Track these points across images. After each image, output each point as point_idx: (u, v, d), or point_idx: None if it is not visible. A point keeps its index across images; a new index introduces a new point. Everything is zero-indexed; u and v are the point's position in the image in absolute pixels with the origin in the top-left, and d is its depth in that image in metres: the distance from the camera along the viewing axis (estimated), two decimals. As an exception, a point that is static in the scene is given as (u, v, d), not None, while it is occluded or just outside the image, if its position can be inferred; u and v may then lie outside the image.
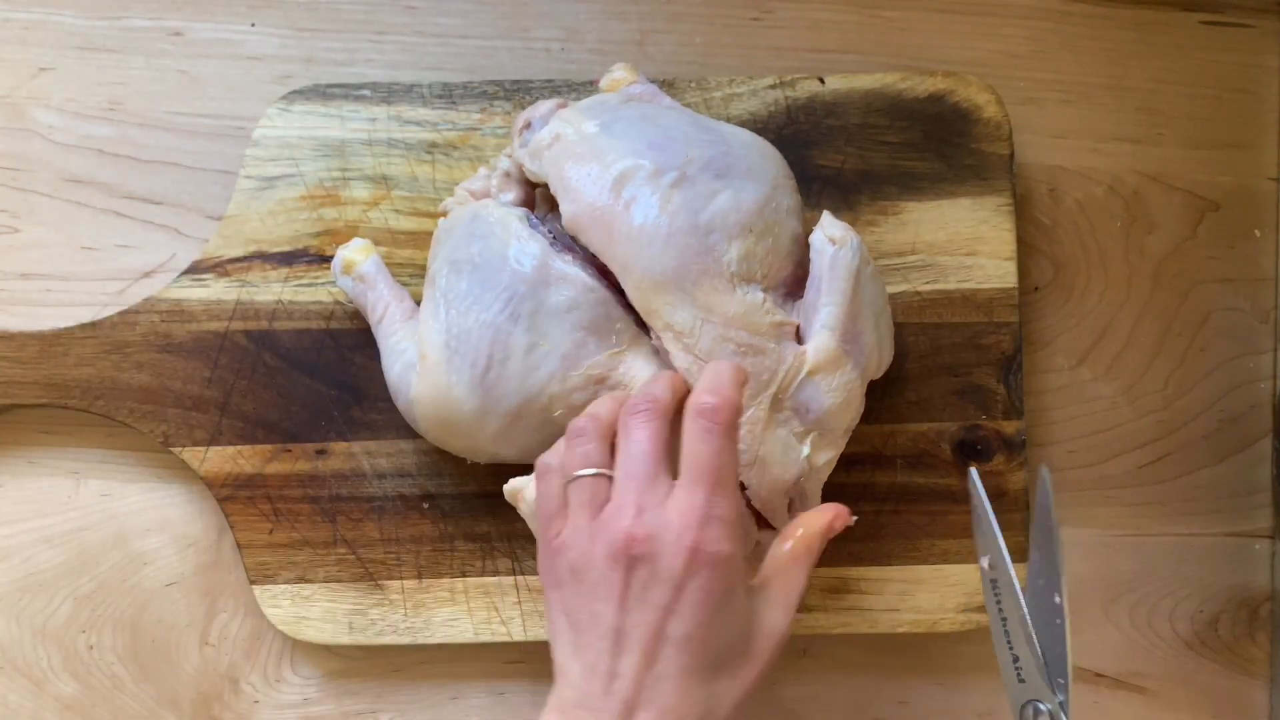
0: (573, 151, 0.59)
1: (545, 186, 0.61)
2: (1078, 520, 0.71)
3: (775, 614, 0.52)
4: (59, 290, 0.69)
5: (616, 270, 0.58)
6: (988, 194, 0.67)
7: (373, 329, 0.64)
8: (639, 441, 0.52)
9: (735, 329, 0.58)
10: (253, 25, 0.70)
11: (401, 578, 0.67)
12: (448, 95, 0.67)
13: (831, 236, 0.60)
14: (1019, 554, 0.61)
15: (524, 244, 0.59)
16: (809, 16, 0.71)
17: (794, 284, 0.61)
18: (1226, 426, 0.71)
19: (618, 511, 0.51)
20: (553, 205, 0.61)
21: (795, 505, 0.60)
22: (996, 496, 0.67)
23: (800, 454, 0.59)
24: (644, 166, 0.58)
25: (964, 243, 0.67)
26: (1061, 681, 0.54)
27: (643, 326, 0.60)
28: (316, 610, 0.66)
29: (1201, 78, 0.72)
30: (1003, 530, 0.68)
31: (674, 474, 0.52)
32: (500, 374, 0.59)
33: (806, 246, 0.61)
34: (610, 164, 0.58)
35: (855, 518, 0.57)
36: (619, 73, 0.66)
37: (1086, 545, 0.71)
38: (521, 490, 0.59)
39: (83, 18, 0.70)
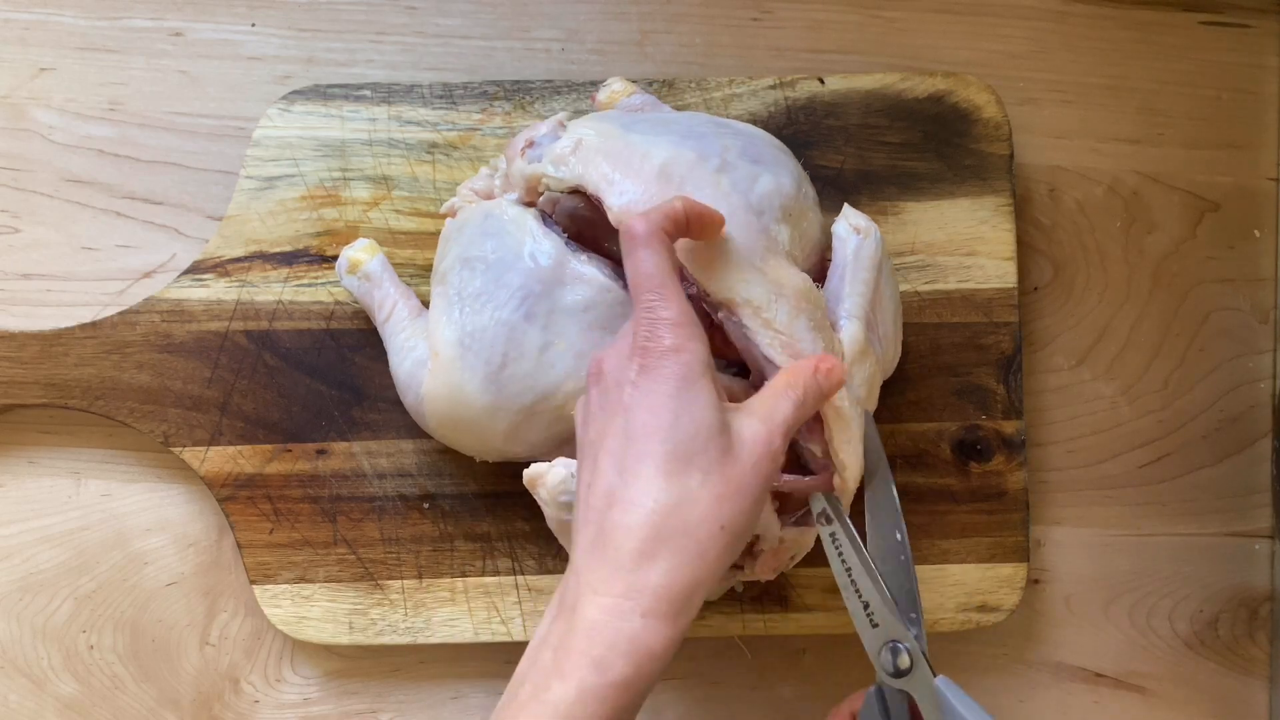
0: (605, 149, 0.59)
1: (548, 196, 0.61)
2: (1078, 520, 0.71)
3: (753, 423, 0.50)
4: (59, 290, 0.69)
5: (680, 255, 0.57)
6: (987, 194, 0.67)
7: (378, 328, 0.65)
8: (631, 273, 0.52)
9: (805, 304, 0.57)
10: (253, 25, 0.70)
11: (401, 578, 0.67)
12: (448, 95, 0.67)
13: (856, 226, 0.61)
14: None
15: (539, 242, 0.59)
16: (809, 16, 0.71)
17: (818, 276, 0.62)
18: (1226, 426, 0.71)
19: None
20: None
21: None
22: (996, 496, 0.67)
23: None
24: (687, 155, 0.58)
25: (964, 243, 0.67)
26: (914, 616, 0.55)
27: None
28: (316, 610, 0.66)
29: (1201, 78, 0.72)
30: (1003, 530, 0.68)
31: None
32: (514, 371, 0.59)
33: (827, 236, 0.62)
34: (651, 155, 0.58)
35: (844, 367, 0.55)
36: (616, 85, 0.66)
37: (1086, 545, 0.71)
38: (542, 476, 0.59)
39: (83, 18, 0.70)
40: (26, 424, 0.69)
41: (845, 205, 0.63)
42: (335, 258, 0.66)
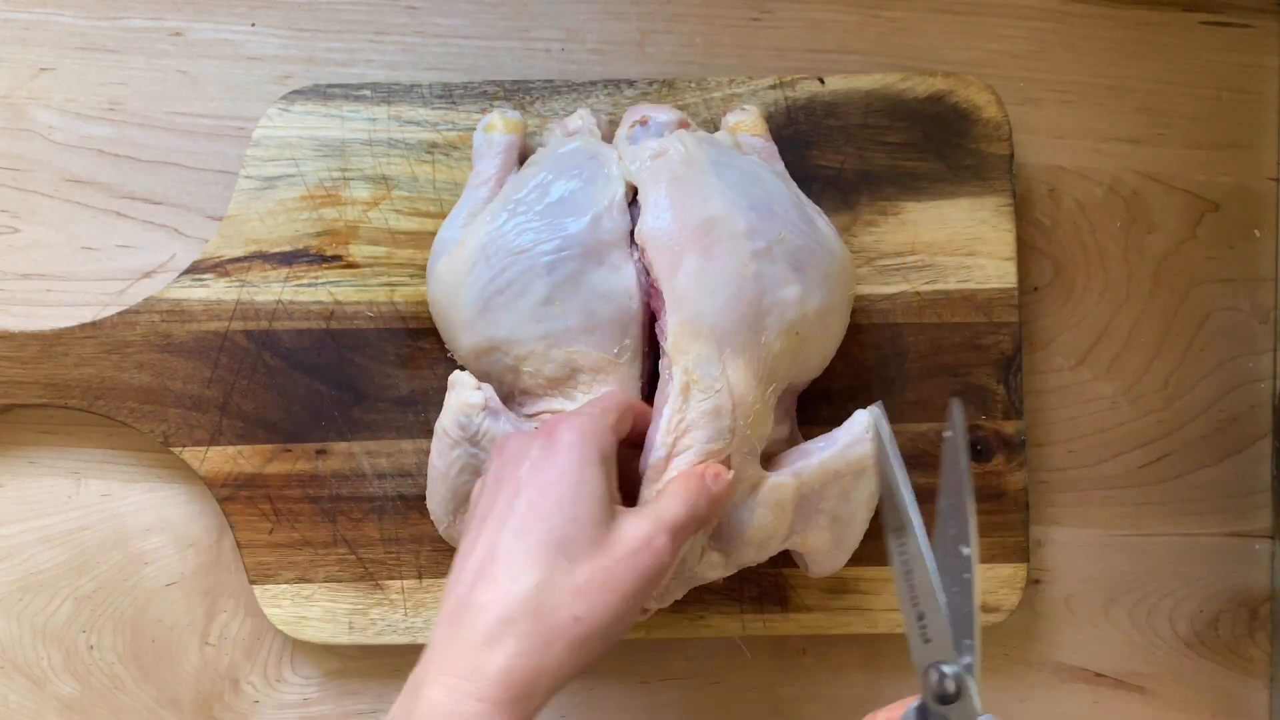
0: (676, 173, 0.58)
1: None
2: (1078, 520, 0.71)
3: (638, 521, 0.51)
4: (59, 290, 0.69)
5: (667, 297, 0.57)
6: (987, 194, 0.67)
7: (467, 185, 0.65)
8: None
9: (728, 417, 0.56)
10: (253, 25, 0.70)
11: (401, 578, 0.67)
12: (448, 95, 0.67)
13: (870, 429, 0.60)
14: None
15: (613, 214, 0.59)
16: (809, 16, 0.71)
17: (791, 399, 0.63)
18: (1226, 426, 0.71)
19: None
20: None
21: None
22: (996, 496, 0.67)
23: (692, 561, 0.59)
24: (739, 223, 0.57)
25: (964, 243, 0.67)
26: (969, 643, 0.49)
27: (647, 360, 0.60)
28: (316, 610, 0.66)
29: (1201, 78, 0.72)
30: (1003, 530, 0.68)
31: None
32: (506, 304, 0.59)
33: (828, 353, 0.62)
34: (708, 202, 0.58)
35: (730, 475, 0.55)
36: (748, 118, 0.65)
37: (1086, 545, 0.71)
38: (461, 384, 0.59)
39: (83, 18, 0.70)
40: (26, 424, 0.69)
41: (879, 404, 0.58)
42: (335, 258, 0.67)
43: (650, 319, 0.59)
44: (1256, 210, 0.72)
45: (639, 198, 0.59)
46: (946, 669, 0.48)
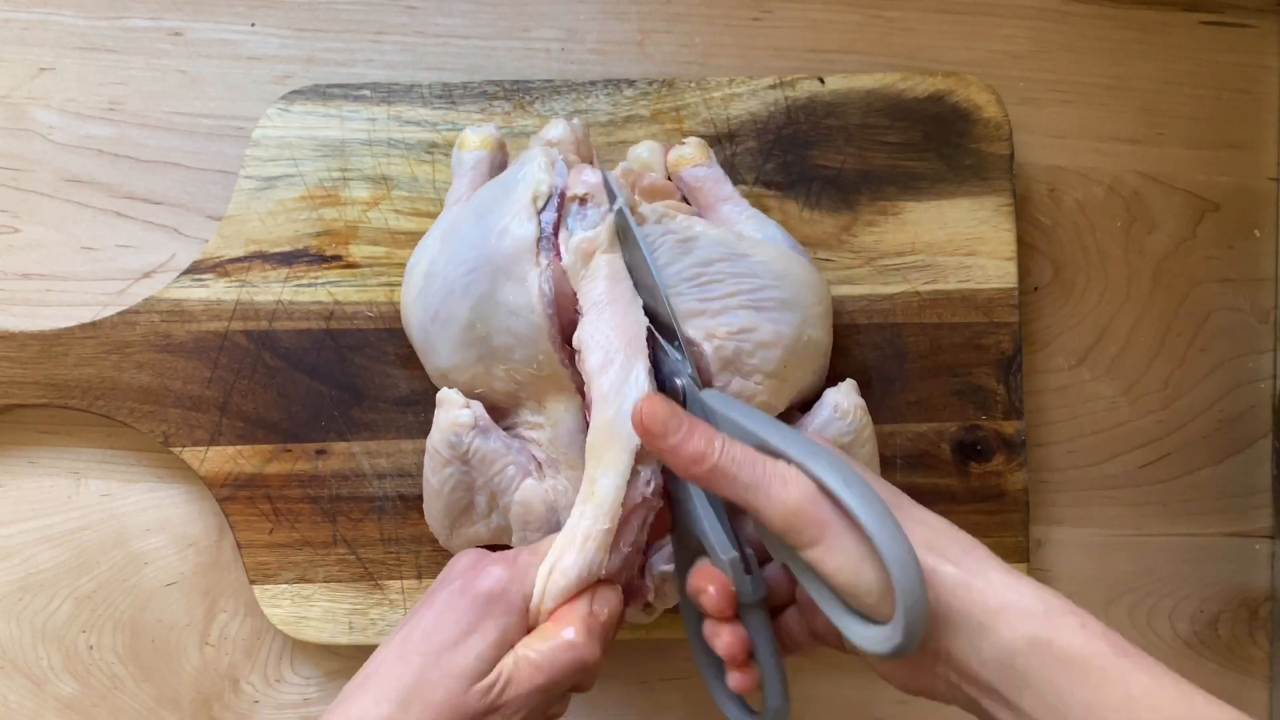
0: (600, 291, 0.57)
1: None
2: (1078, 520, 0.71)
3: (513, 682, 0.52)
4: (59, 290, 0.69)
5: (594, 396, 0.56)
6: (988, 194, 0.67)
7: (445, 203, 0.65)
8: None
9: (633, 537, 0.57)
10: (253, 25, 0.70)
11: (401, 578, 0.67)
12: (448, 95, 0.67)
13: (837, 404, 0.60)
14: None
15: (518, 221, 0.58)
16: (809, 16, 0.71)
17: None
18: (1226, 426, 0.71)
19: None
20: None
21: None
22: (996, 496, 0.67)
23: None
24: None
25: (964, 243, 0.67)
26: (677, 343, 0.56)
27: (566, 368, 0.58)
28: (316, 610, 0.66)
29: (1201, 78, 0.72)
30: (1003, 530, 0.68)
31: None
32: (440, 332, 0.60)
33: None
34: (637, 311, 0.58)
35: (615, 598, 0.56)
36: (689, 150, 0.64)
37: (1086, 545, 0.71)
38: (450, 402, 0.59)
39: (83, 18, 0.70)
40: (26, 424, 0.69)
41: (848, 382, 0.62)
42: (335, 258, 0.67)
43: (567, 326, 0.58)
44: (1256, 210, 0.72)
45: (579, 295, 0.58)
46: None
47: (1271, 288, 0.72)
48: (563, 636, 0.53)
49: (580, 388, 0.58)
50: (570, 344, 0.57)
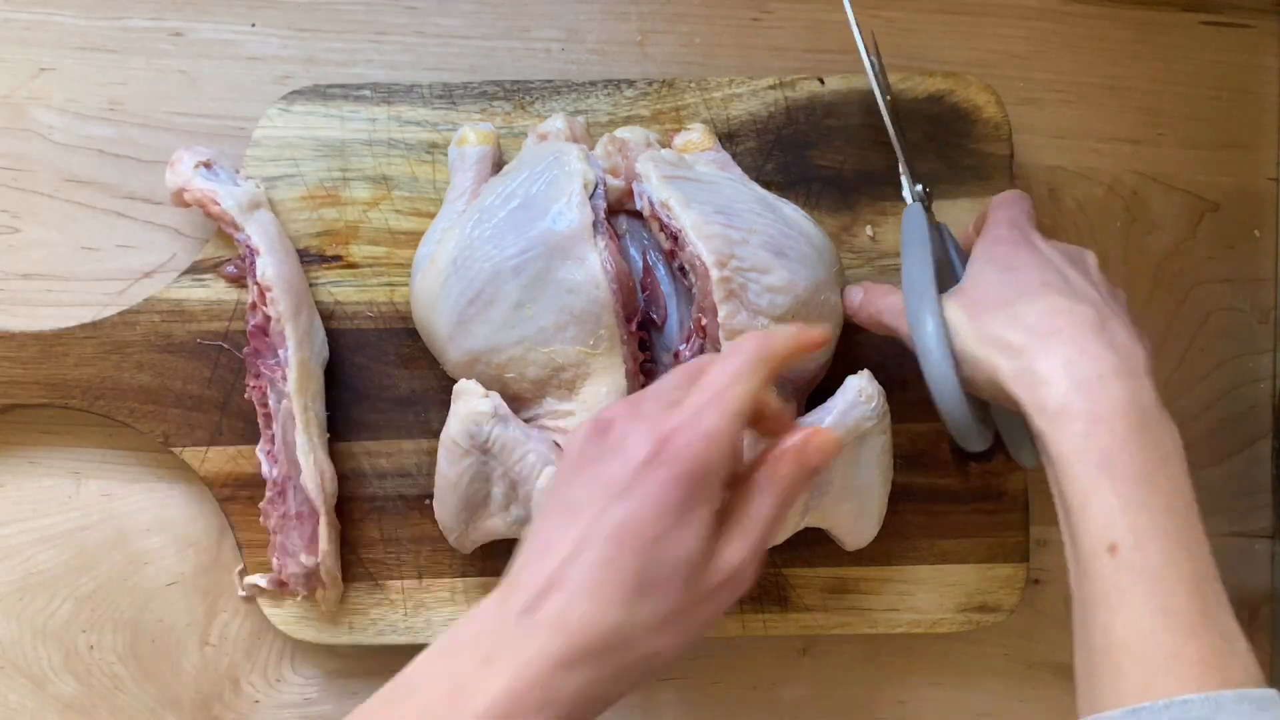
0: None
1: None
2: (1078, 520, 0.71)
3: (733, 549, 0.47)
4: (59, 290, 0.69)
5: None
6: (988, 194, 0.67)
7: (445, 199, 0.65)
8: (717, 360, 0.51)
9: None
10: (253, 25, 0.70)
11: (401, 578, 0.67)
12: (448, 95, 0.67)
13: (860, 388, 0.61)
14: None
15: (571, 208, 0.59)
16: (809, 16, 0.71)
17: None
18: (1226, 426, 0.71)
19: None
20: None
21: None
22: (996, 496, 0.67)
23: None
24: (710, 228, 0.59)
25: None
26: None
27: (631, 344, 0.60)
28: (317, 610, 0.66)
29: (1201, 78, 0.72)
30: (1003, 530, 0.68)
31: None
32: (480, 313, 0.60)
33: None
34: (679, 216, 0.59)
35: (837, 435, 0.53)
36: (695, 135, 0.66)
37: (1086, 545, 0.71)
38: (468, 394, 0.59)
39: (83, 18, 0.70)
40: (26, 424, 0.69)
41: (866, 370, 0.62)
42: (335, 258, 0.67)
43: (626, 303, 0.59)
44: (1256, 210, 0.72)
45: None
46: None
47: (1271, 288, 0.72)
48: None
49: (633, 367, 0.60)
50: (630, 321, 0.59)
